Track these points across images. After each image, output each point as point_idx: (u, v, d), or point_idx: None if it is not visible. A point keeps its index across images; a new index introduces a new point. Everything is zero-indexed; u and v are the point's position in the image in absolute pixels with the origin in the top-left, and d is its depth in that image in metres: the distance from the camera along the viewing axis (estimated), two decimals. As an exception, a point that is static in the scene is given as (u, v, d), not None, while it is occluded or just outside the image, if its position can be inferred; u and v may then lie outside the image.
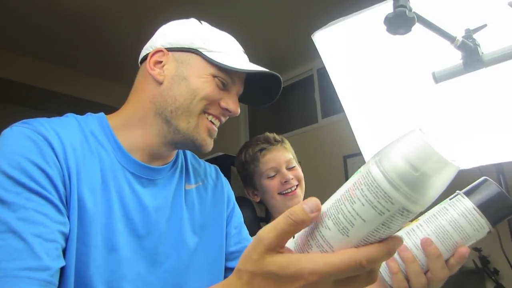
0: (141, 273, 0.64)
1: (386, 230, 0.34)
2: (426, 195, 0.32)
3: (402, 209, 0.32)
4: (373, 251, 0.35)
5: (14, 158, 0.55)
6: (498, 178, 1.06)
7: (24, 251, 0.49)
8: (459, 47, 0.78)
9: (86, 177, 0.61)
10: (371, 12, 0.96)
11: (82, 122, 0.68)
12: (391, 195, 0.32)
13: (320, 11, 2.69)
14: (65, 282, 0.55)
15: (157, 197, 0.70)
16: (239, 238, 0.81)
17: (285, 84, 3.94)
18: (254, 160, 1.26)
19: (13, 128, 0.60)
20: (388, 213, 0.33)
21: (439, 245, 0.49)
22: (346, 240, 0.35)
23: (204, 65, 0.70)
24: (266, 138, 1.30)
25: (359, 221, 0.34)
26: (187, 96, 0.69)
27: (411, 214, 0.33)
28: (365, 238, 0.35)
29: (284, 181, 1.20)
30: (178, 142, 0.71)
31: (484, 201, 0.49)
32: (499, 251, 1.16)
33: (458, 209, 0.49)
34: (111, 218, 0.62)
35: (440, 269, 0.50)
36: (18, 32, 2.98)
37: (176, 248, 0.69)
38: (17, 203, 0.52)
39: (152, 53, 0.71)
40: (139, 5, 2.72)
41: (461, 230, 0.49)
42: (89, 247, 0.58)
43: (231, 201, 0.85)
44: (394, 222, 0.33)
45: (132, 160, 0.69)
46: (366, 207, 0.33)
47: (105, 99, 3.56)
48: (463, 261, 0.50)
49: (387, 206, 0.32)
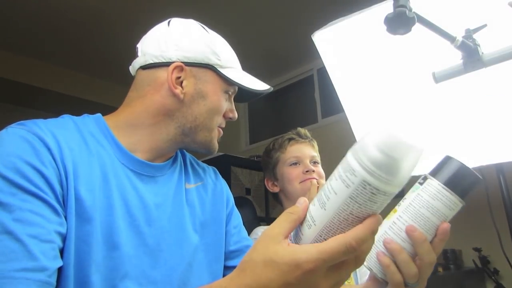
0: (145, 270, 0.63)
1: (355, 205, 0.38)
2: (384, 170, 0.37)
3: (364, 182, 0.37)
4: (358, 232, 0.39)
5: (9, 159, 0.54)
6: (498, 178, 1.06)
7: (20, 252, 0.49)
8: (459, 47, 0.78)
9: (84, 176, 0.61)
10: (371, 12, 0.96)
11: (79, 122, 0.68)
12: (354, 167, 0.38)
13: (320, 11, 2.69)
14: (64, 282, 0.55)
15: (157, 194, 0.70)
16: (239, 237, 0.82)
17: (285, 84, 3.94)
18: (281, 147, 1.28)
19: (8, 129, 0.60)
20: (353, 186, 0.38)
21: (422, 231, 0.52)
22: (324, 214, 0.40)
23: (218, 81, 0.74)
24: (298, 131, 1.33)
25: (332, 194, 0.40)
26: (206, 116, 0.73)
27: (374, 190, 0.37)
28: (338, 212, 0.39)
29: (306, 171, 1.20)
30: (191, 148, 0.76)
31: (451, 179, 0.51)
32: (499, 251, 1.16)
33: (430, 193, 0.52)
34: (112, 216, 0.62)
35: (427, 253, 0.52)
36: (18, 32, 2.98)
37: (179, 245, 0.69)
38: (13, 204, 0.52)
39: (172, 69, 0.70)
40: (139, 5, 2.72)
41: (437, 212, 0.51)
42: (90, 246, 0.58)
43: (230, 201, 0.86)
44: (360, 196, 0.38)
45: (132, 158, 0.69)
46: (338, 182, 0.39)
47: (105, 99, 3.56)
48: (447, 237, 0.52)
49: (352, 178, 0.38)
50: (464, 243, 2.40)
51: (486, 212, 1.15)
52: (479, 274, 2.27)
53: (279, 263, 0.39)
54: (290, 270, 0.39)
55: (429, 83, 0.89)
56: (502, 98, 0.90)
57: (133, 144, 0.70)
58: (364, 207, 0.38)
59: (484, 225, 1.78)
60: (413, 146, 0.37)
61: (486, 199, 1.11)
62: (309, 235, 0.42)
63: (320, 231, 0.41)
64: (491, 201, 1.11)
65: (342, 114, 1.21)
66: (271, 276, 0.40)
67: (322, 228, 0.41)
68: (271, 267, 0.40)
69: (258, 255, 0.41)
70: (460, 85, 0.91)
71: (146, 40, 0.75)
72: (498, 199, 1.06)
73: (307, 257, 0.38)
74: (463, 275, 2.33)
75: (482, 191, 1.14)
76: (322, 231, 0.41)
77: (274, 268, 0.40)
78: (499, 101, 0.91)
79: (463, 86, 0.92)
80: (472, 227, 2.39)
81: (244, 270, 0.42)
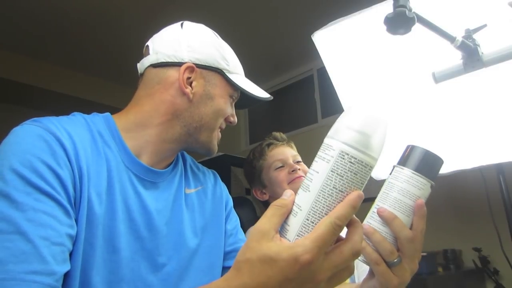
0: (142, 274, 0.64)
1: (337, 177, 0.41)
2: (357, 141, 0.42)
3: (341, 152, 0.41)
4: (339, 209, 0.41)
5: (26, 157, 0.54)
6: (498, 178, 1.06)
7: (31, 254, 0.49)
8: (459, 47, 0.78)
9: (95, 179, 0.61)
10: (371, 12, 0.96)
11: (89, 121, 0.68)
12: (331, 143, 0.43)
13: (320, 11, 2.69)
14: (70, 284, 0.55)
15: (158, 199, 0.70)
16: (236, 238, 0.83)
17: (285, 84, 3.94)
18: (261, 154, 1.30)
19: (24, 126, 0.59)
20: (333, 159, 0.42)
21: (400, 215, 0.55)
22: (308, 196, 0.42)
23: (225, 86, 0.76)
24: (274, 135, 1.36)
25: (315, 175, 0.43)
26: (212, 116, 0.75)
27: (352, 159, 0.41)
28: (322, 189, 0.42)
29: (292, 170, 1.22)
30: (193, 148, 0.77)
31: (417, 164, 0.56)
32: (499, 251, 1.16)
33: (401, 179, 0.57)
34: (114, 220, 0.62)
35: (400, 229, 0.54)
36: (18, 32, 2.98)
37: (176, 250, 0.70)
38: (27, 203, 0.51)
39: (184, 69, 0.72)
40: (140, 6, 2.72)
41: (410, 194, 0.56)
42: (94, 249, 0.58)
43: (229, 204, 0.87)
44: (341, 168, 0.41)
45: (136, 162, 0.69)
46: (318, 162, 0.43)
47: (106, 99, 3.57)
48: (424, 212, 0.55)
49: (330, 153, 0.42)
50: (464, 243, 2.40)
51: (486, 212, 1.15)
52: (479, 274, 2.27)
53: (276, 259, 0.39)
54: (288, 265, 0.39)
55: (429, 83, 0.89)
56: (502, 98, 0.90)
57: (139, 147, 0.70)
58: (345, 178, 0.41)
59: (484, 225, 1.78)
60: (379, 119, 0.43)
61: (486, 199, 1.11)
62: (295, 223, 0.42)
63: (306, 214, 0.42)
64: (491, 201, 1.11)
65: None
66: (269, 274, 0.40)
67: (308, 211, 0.42)
68: (269, 265, 0.40)
69: (253, 254, 0.41)
70: (460, 85, 0.91)
71: (158, 39, 0.76)
72: (498, 199, 1.06)
73: (303, 250, 0.39)
74: (463, 275, 2.33)
75: (482, 191, 1.15)
76: (308, 213, 0.42)
77: (272, 265, 0.39)
78: (499, 101, 0.91)
79: (463, 86, 0.92)
80: (472, 227, 2.39)
81: (240, 269, 0.42)
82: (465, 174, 1.01)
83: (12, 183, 0.52)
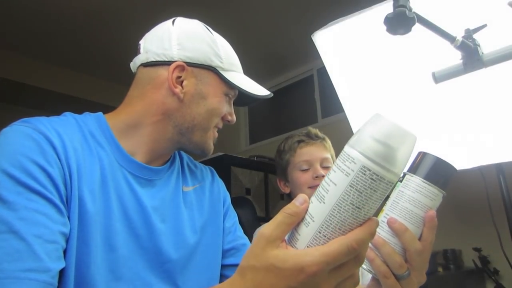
0: (140, 272, 0.64)
1: (355, 193, 0.38)
2: (382, 156, 0.38)
3: (363, 168, 0.38)
4: (359, 234, 0.39)
5: (16, 157, 0.54)
6: (498, 178, 1.06)
7: (25, 252, 0.49)
8: (459, 47, 0.78)
9: (86, 177, 0.61)
10: (371, 12, 0.96)
11: (80, 121, 0.68)
12: (353, 155, 0.39)
13: (320, 11, 2.69)
14: (65, 283, 0.55)
15: (154, 197, 0.70)
16: (234, 236, 0.82)
17: (285, 84, 3.94)
18: (291, 149, 1.25)
19: (13, 127, 0.59)
20: (353, 173, 0.38)
21: (409, 225, 0.53)
22: (323, 208, 0.40)
23: (219, 84, 0.74)
24: (308, 132, 1.29)
25: (332, 186, 0.39)
26: (205, 116, 0.73)
27: (374, 176, 0.38)
28: (338, 203, 0.39)
29: (316, 176, 1.18)
30: (187, 148, 0.76)
31: (428, 172, 0.53)
32: (499, 251, 1.16)
33: (411, 188, 0.54)
34: (110, 218, 0.62)
35: (411, 242, 0.52)
36: (18, 32, 2.98)
37: (175, 248, 0.69)
38: (18, 202, 0.52)
39: (173, 68, 0.70)
40: (139, 5, 2.72)
41: (420, 204, 0.53)
42: (89, 247, 0.58)
43: (227, 201, 0.86)
44: (360, 183, 0.38)
45: (130, 160, 0.69)
46: (337, 173, 0.40)
47: (105, 99, 3.56)
48: (434, 224, 0.53)
49: (351, 166, 0.39)
50: (464, 243, 2.40)
51: (486, 212, 1.15)
52: (479, 274, 2.26)
53: (281, 268, 0.38)
54: (293, 274, 0.38)
55: (429, 83, 0.89)
56: (502, 98, 0.90)
57: (133, 146, 0.70)
58: (364, 195, 0.38)
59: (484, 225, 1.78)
60: (408, 133, 0.40)
61: (486, 199, 1.11)
62: (306, 233, 0.40)
63: (319, 227, 0.40)
64: (491, 201, 1.11)
65: (342, 114, 1.21)
66: (273, 282, 0.39)
67: (321, 224, 0.40)
68: (273, 273, 0.39)
69: (258, 261, 0.40)
70: (460, 85, 0.91)
71: (149, 38, 0.75)
72: (498, 199, 1.06)
73: (311, 261, 0.37)
74: (463, 275, 2.33)
75: (482, 191, 1.15)
76: (321, 226, 0.40)
77: (277, 273, 0.39)
78: (499, 101, 0.91)
79: (463, 86, 0.92)
80: (472, 227, 2.39)
81: (244, 276, 0.42)
82: (465, 174, 1.01)
83: (3, 184, 0.53)
